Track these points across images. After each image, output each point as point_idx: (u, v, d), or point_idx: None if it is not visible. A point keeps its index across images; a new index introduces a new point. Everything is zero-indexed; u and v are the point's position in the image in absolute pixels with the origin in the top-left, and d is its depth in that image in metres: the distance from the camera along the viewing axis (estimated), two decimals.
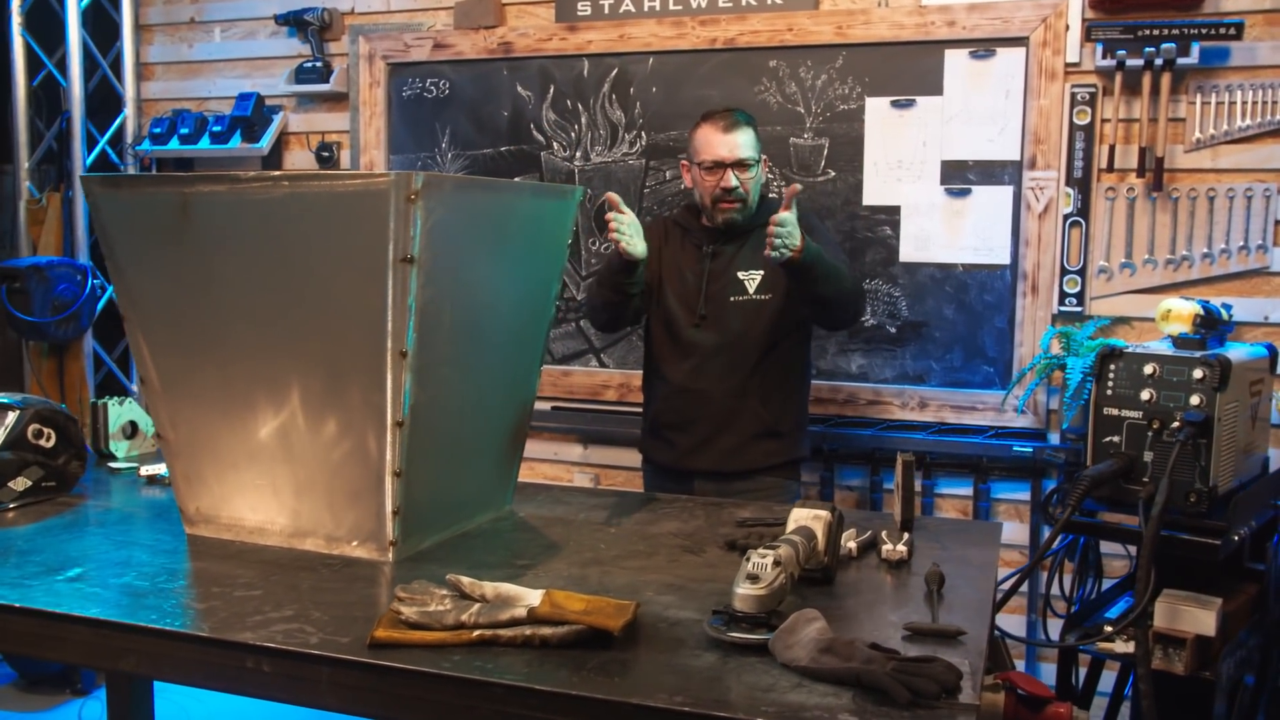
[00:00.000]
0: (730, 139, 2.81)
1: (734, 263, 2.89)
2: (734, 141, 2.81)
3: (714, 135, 2.82)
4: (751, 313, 2.85)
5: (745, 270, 2.87)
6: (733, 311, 2.86)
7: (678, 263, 2.95)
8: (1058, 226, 3.26)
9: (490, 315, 2.07)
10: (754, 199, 2.88)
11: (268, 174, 1.83)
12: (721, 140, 2.81)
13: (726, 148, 2.80)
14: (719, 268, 2.89)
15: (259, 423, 1.97)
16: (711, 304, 2.88)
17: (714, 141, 2.82)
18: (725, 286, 2.87)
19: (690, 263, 2.93)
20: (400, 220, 1.76)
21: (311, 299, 1.87)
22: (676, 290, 2.92)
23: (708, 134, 2.84)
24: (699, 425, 2.88)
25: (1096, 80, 3.21)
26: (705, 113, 2.90)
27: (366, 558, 1.95)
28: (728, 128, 2.82)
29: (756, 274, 2.86)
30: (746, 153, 2.82)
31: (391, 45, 3.92)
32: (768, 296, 2.85)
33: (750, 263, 2.87)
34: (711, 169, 2.83)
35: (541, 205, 2.17)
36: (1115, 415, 2.45)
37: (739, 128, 2.83)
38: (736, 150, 2.80)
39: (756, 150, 2.86)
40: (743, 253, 2.89)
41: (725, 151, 2.80)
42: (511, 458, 2.29)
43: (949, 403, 3.40)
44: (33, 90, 4.21)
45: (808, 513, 1.84)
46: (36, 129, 4.24)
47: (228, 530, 2.07)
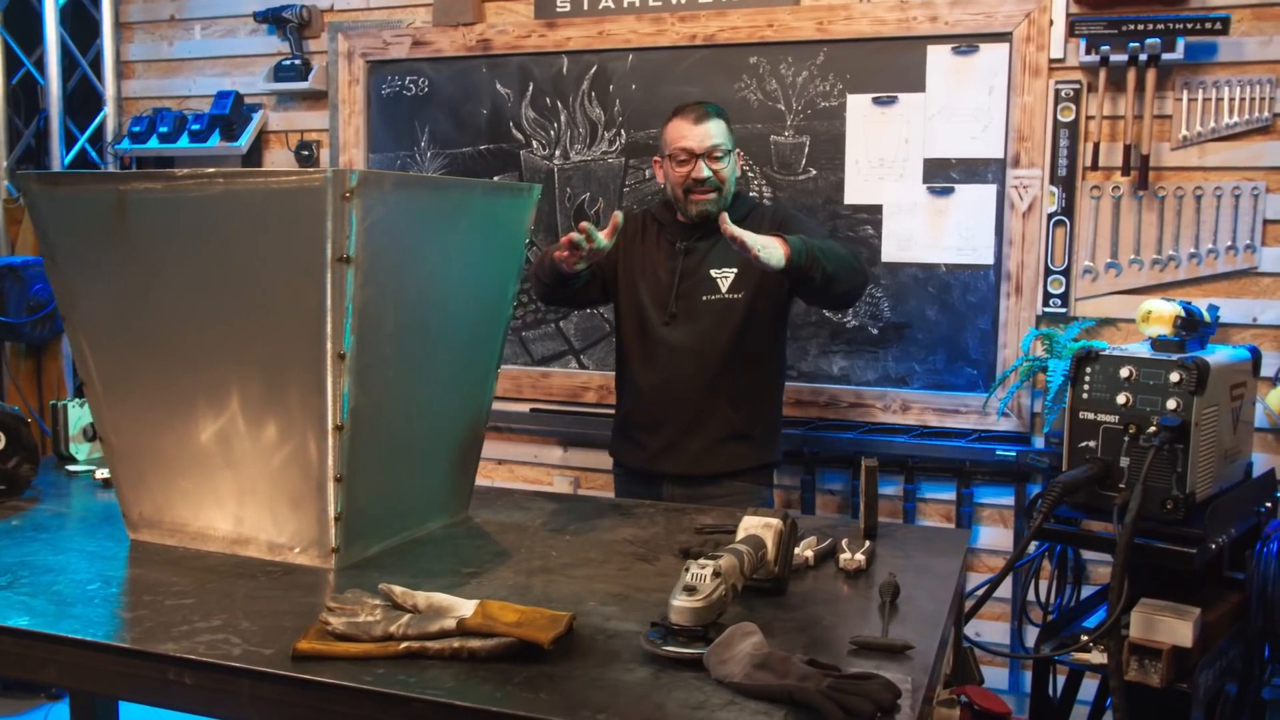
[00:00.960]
0: (700, 129, 2.76)
1: (707, 260, 2.82)
2: (704, 131, 2.75)
3: (684, 126, 2.77)
4: (723, 312, 2.79)
5: (718, 268, 2.81)
6: (704, 310, 2.80)
7: (651, 259, 2.89)
8: (1042, 226, 3.20)
9: (439, 316, 2.02)
10: (729, 189, 2.82)
11: (202, 171, 1.78)
12: (691, 130, 2.76)
13: (696, 138, 2.75)
14: (691, 265, 2.83)
15: (200, 426, 1.92)
16: (683, 302, 2.82)
17: (684, 132, 2.77)
18: (697, 284, 2.81)
19: (663, 260, 2.87)
20: (336, 219, 1.71)
21: (249, 300, 1.82)
22: (649, 287, 2.87)
23: (678, 126, 2.79)
24: (667, 427, 2.82)
25: (1081, 76, 3.15)
26: (676, 107, 2.86)
27: (309, 565, 1.90)
28: (698, 119, 2.77)
29: (729, 272, 2.80)
30: (718, 140, 2.76)
31: (370, 43, 3.87)
32: (740, 295, 2.79)
33: (724, 260, 2.81)
34: (683, 161, 2.77)
35: (495, 204, 2.12)
36: (1091, 419, 2.39)
37: (709, 119, 2.77)
38: (707, 140, 2.75)
39: (729, 140, 2.80)
40: (716, 250, 2.82)
41: (695, 142, 2.75)
42: (467, 462, 2.23)
43: (931, 405, 3.33)
44: (11, 89, 4.18)
45: (758, 521, 1.78)
46: (15, 127, 4.21)
47: (171, 536, 2.02)
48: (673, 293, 2.82)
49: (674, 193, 2.83)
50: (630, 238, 2.92)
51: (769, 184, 3.46)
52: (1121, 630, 2.30)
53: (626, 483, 2.95)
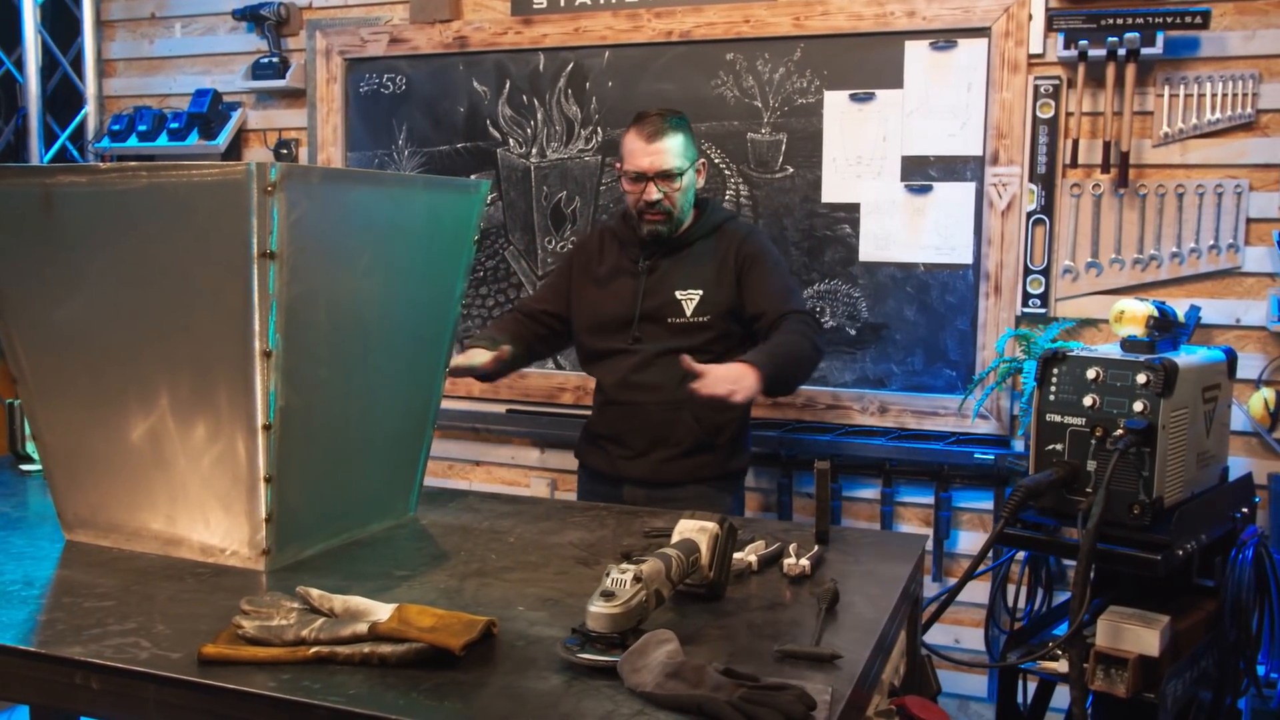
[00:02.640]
0: (654, 148, 2.68)
1: (670, 279, 2.76)
2: (657, 150, 2.68)
3: (637, 144, 2.70)
4: (689, 335, 2.74)
5: (683, 289, 2.75)
6: (668, 333, 2.75)
7: (613, 278, 2.83)
8: (1021, 225, 3.14)
9: (378, 315, 1.98)
10: (682, 210, 2.75)
11: (126, 165, 1.74)
12: (644, 150, 2.69)
13: (648, 159, 2.68)
14: (654, 284, 2.77)
15: (130, 425, 1.89)
16: (647, 325, 2.77)
17: (636, 151, 2.70)
18: (661, 306, 2.75)
19: (625, 279, 2.81)
20: (260, 213, 1.67)
21: (176, 296, 1.78)
22: (610, 310, 2.81)
23: (632, 141, 2.72)
24: (632, 437, 2.80)
25: (1060, 72, 3.08)
26: (636, 114, 2.79)
27: (240, 567, 1.86)
28: (652, 135, 2.69)
29: (694, 294, 2.75)
30: (671, 162, 2.68)
31: (348, 40, 3.84)
32: (706, 319, 2.74)
33: (689, 280, 2.75)
34: (635, 179, 2.71)
35: (439, 200, 2.08)
36: (1058, 422, 2.33)
37: (665, 134, 2.69)
38: (659, 161, 2.68)
39: (686, 157, 2.73)
40: (681, 269, 2.77)
41: (646, 162, 2.68)
42: (411, 462, 2.19)
43: (910, 408, 3.27)
44: None
45: (694, 524, 1.73)
46: None
47: (105, 536, 1.98)
48: (636, 313, 2.76)
49: (630, 209, 2.80)
50: (588, 259, 2.87)
51: (746, 182, 3.41)
52: (1087, 639, 2.24)
53: (589, 483, 2.92)
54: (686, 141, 2.73)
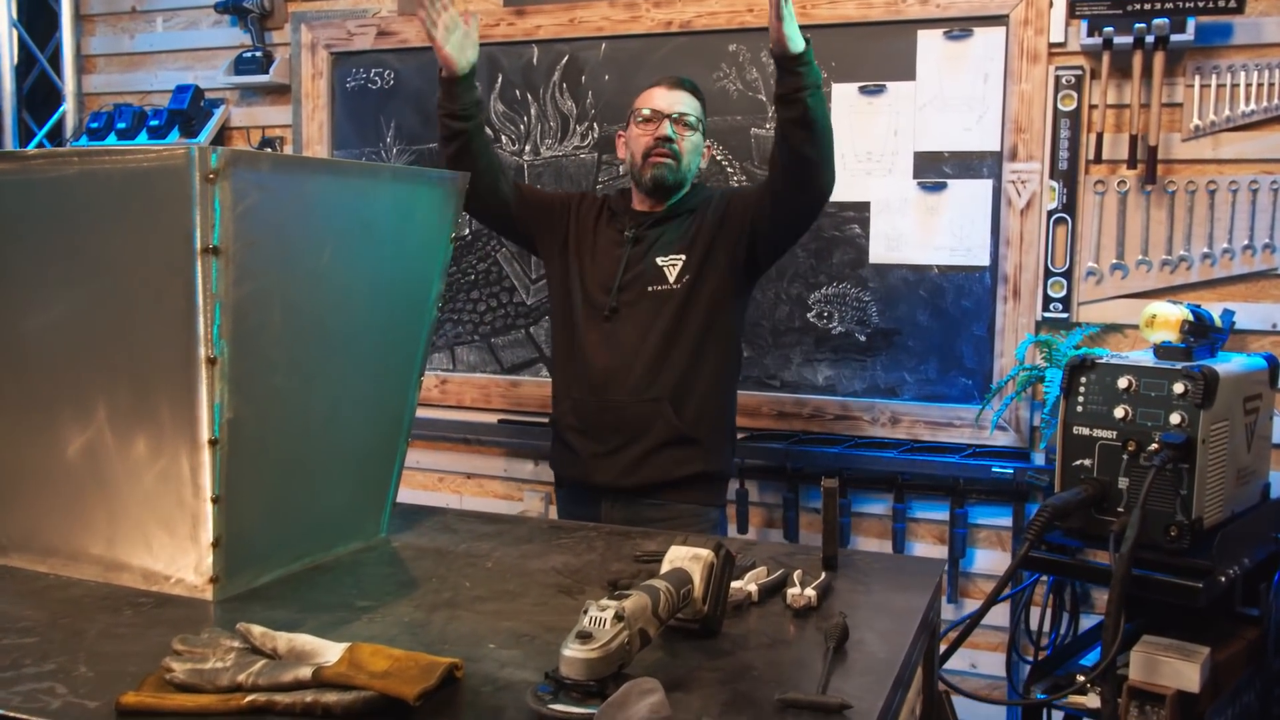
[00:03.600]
0: (674, 94, 2.66)
1: (654, 248, 2.63)
2: (677, 97, 2.65)
3: (656, 90, 2.68)
4: (669, 304, 2.59)
5: (665, 255, 2.62)
6: (648, 303, 2.60)
7: (599, 244, 2.70)
8: (1041, 224, 2.95)
9: (341, 317, 1.80)
10: (688, 164, 2.66)
11: (57, 151, 1.57)
12: (664, 94, 2.66)
13: (667, 101, 2.65)
14: (638, 254, 2.64)
15: (66, 439, 1.71)
16: (626, 293, 2.62)
17: (655, 95, 2.67)
18: (643, 274, 2.62)
19: (609, 247, 2.68)
20: (202, 204, 1.50)
21: (112, 296, 1.61)
22: (592, 276, 2.68)
23: (651, 91, 2.69)
24: (604, 431, 2.61)
25: (1083, 62, 2.90)
26: (654, 79, 2.77)
27: (186, 596, 1.68)
28: (673, 85, 2.68)
29: (677, 259, 2.61)
30: (688, 108, 2.65)
31: (334, 33, 3.67)
32: (687, 279, 2.59)
33: (671, 247, 2.63)
34: (649, 119, 2.64)
35: (411, 193, 1.90)
36: (1086, 435, 2.15)
37: (684, 89, 2.68)
38: (677, 105, 2.64)
39: (699, 118, 2.69)
40: (665, 238, 2.64)
41: (665, 104, 2.64)
42: (382, 479, 2.01)
43: (923, 418, 3.09)
44: None
45: (686, 552, 1.55)
46: None
47: (42, 561, 1.80)
48: (616, 283, 2.62)
49: (633, 161, 2.68)
50: (586, 217, 2.76)
51: (750, 180, 3.23)
52: (1119, 671, 2.06)
53: (566, 501, 2.73)
54: (702, 110, 2.71)
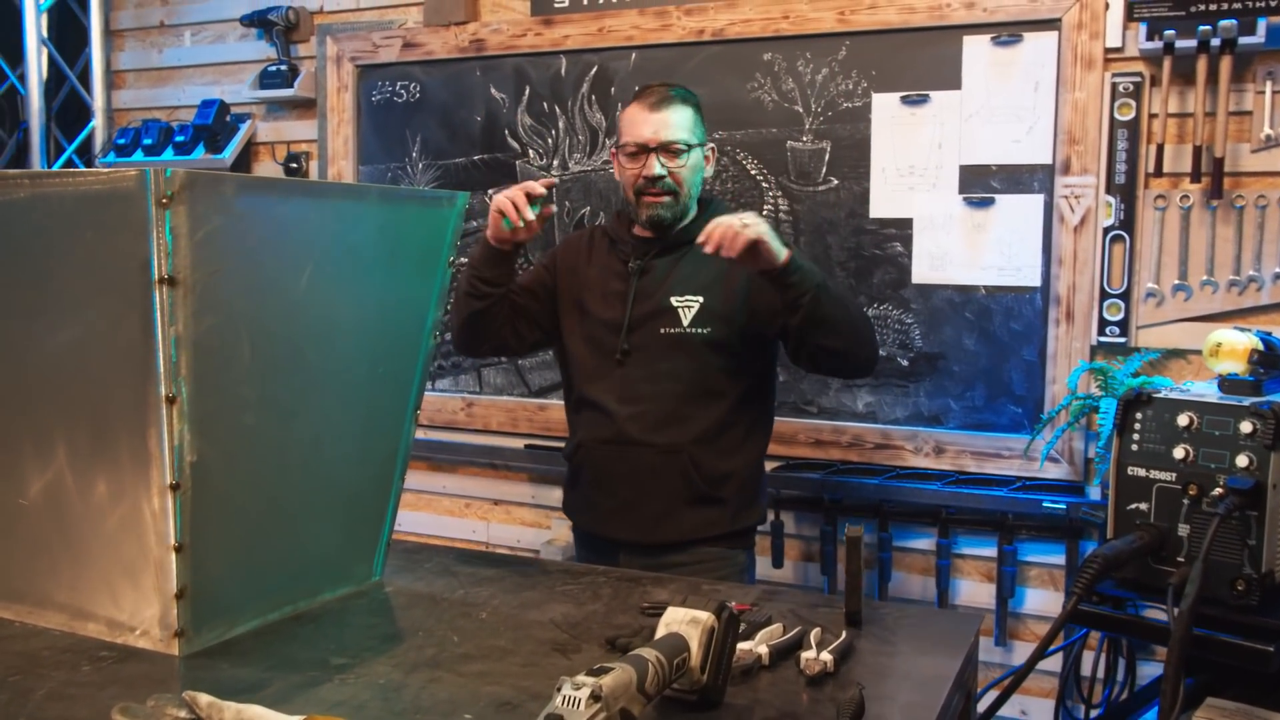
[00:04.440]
0: (657, 117, 2.33)
1: (666, 284, 2.39)
2: (661, 121, 2.33)
3: (638, 114, 2.36)
4: (686, 349, 2.35)
5: (680, 295, 2.37)
6: (662, 346, 2.36)
7: (600, 282, 2.46)
8: (1097, 242, 2.76)
9: (322, 350, 1.67)
10: (689, 193, 2.39)
11: (6, 173, 1.47)
12: (646, 119, 2.34)
13: (651, 128, 2.33)
14: (647, 288, 2.40)
15: (28, 479, 1.61)
16: (636, 335, 2.38)
17: (636, 121, 2.35)
18: (653, 314, 2.38)
19: (613, 282, 2.44)
20: (157, 231, 1.38)
21: (69, 330, 1.50)
22: (597, 317, 2.43)
23: (632, 113, 2.38)
24: (619, 486, 2.39)
25: (1142, 68, 2.70)
26: (638, 89, 2.46)
27: (151, 649, 1.56)
28: (656, 104, 2.34)
29: (694, 301, 2.36)
30: (677, 134, 2.34)
31: (360, 46, 3.58)
32: (706, 330, 2.35)
33: (686, 285, 2.37)
34: (634, 154, 2.36)
35: (400, 215, 1.78)
36: (1142, 477, 1.95)
37: (670, 105, 2.35)
38: (663, 131, 2.33)
39: (694, 133, 2.39)
40: (678, 271, 2.39)
41: (649, 132, 2.33)
42: (374, 520, 1.88)
43: (969, 448, 2.90)
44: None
45: (683, 615, 1.40)
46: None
47: (8, 607, 1.70)
48: (624, 322, 2.39)
49: (625, 193, 2.44)
50: (574, 258, 2.51)
51: (785, 195, 3.07)
52: None
53: (582, 546, 2.55)
54: (695, 119, 2.40)
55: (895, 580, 3.01)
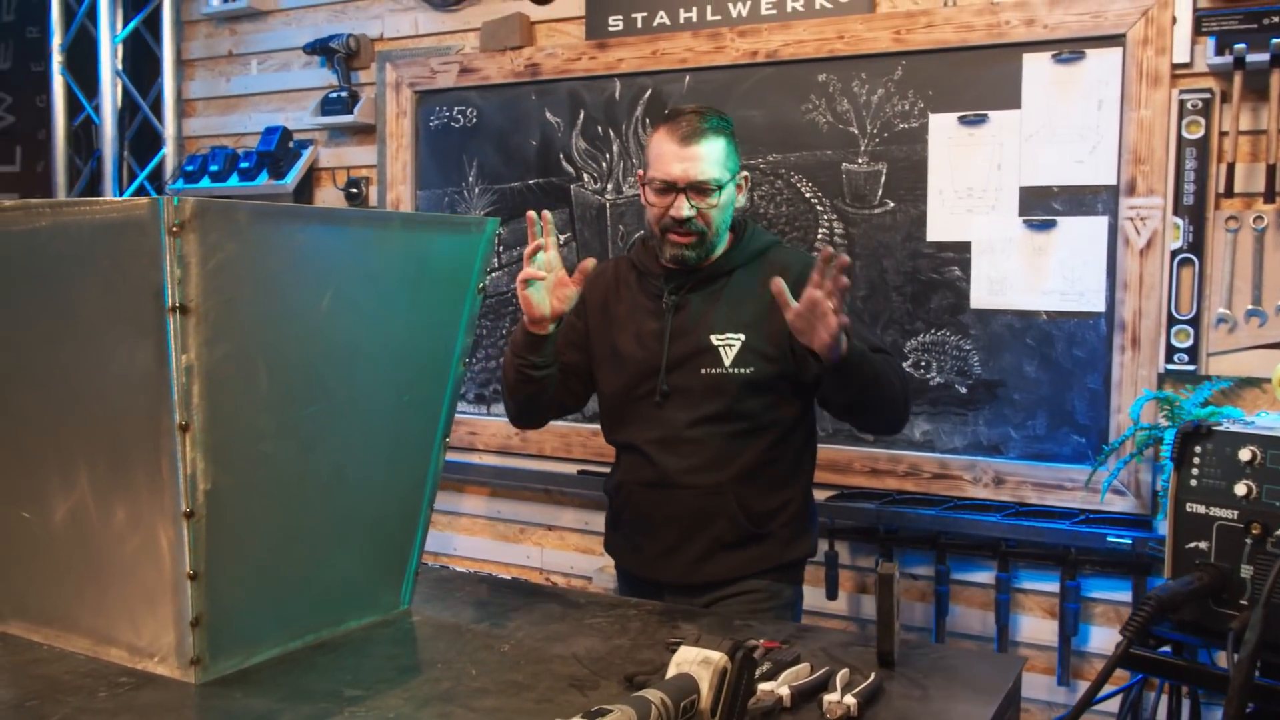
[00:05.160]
0: (688, 153, 2.15)
1: (705, 320, 2.24)
2: (693, 156, 2.15)
3: (668, 146, 2.18)
4: (728, 391, 2.21)
5: (720, 333, 2.22)
6: (703, 387, 2.22)
7: (633, 319, 2.31)
8: (1164, 265, 2.64)
9: (345, 377, 1.67)
10: (717, 231, 2.23)
11: (30, 202, 1.49)
12: (675, 154, 2.16)
13: (680, 165, 2.16)
14: (683, 325, 2.25)
15: (53, 505, 1.62)
16: (675, 376, 2.24)
17: (666, 155, 2.18)
18: (693, 354, 2.23)
19: (648, 320, 2.29)
20: (170, 259, 1.38)
21: (89, 357, 1.51)
22: (632, 356, 2.29)
23: (662, 143, 2.20)
24: (662, 529, 2.27)
25: (1212, 84, 2.59)
26: (668, 111, 2.28)
27: (168, 676, 1.56)
28: (687, 137, 2.16)
29: (735, 340, 2.21)
30: (708, 172, 2.16)
31: (418, 72, 3.61)
32: (749, 371, 2.21)
33: (727, 322, 2.22)
34: (662, 191, 2.19)
35: (425, 242, 1.76)
36: (1202, 514, 1.85)
37: (702, 138, 2.17)
38: (693, 169, 2.15)
39: (727, 167, 2.21)
40: (718, 307, 2.24)
41: (678, 170, 2.16)
42: (401, 548, 1.87)
43: (1030, 479, 2.80)
44: (73, 130, 4.11)
45: (694, 655, 1.35)
46: (75, 167, 4.13)
47: (37, 630, 1.72)
48: (663, 363, 2.24)
49: (650, 226, 2.28)
50: (602, 294, 2.37)
51: (840, 218, 3.01)
52: None
53: (625, 585, 2.42)
54: (728, 149, 2.23)
55: (953, 615, 2.91)
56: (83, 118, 4.15)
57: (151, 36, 4.13)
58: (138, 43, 4.17)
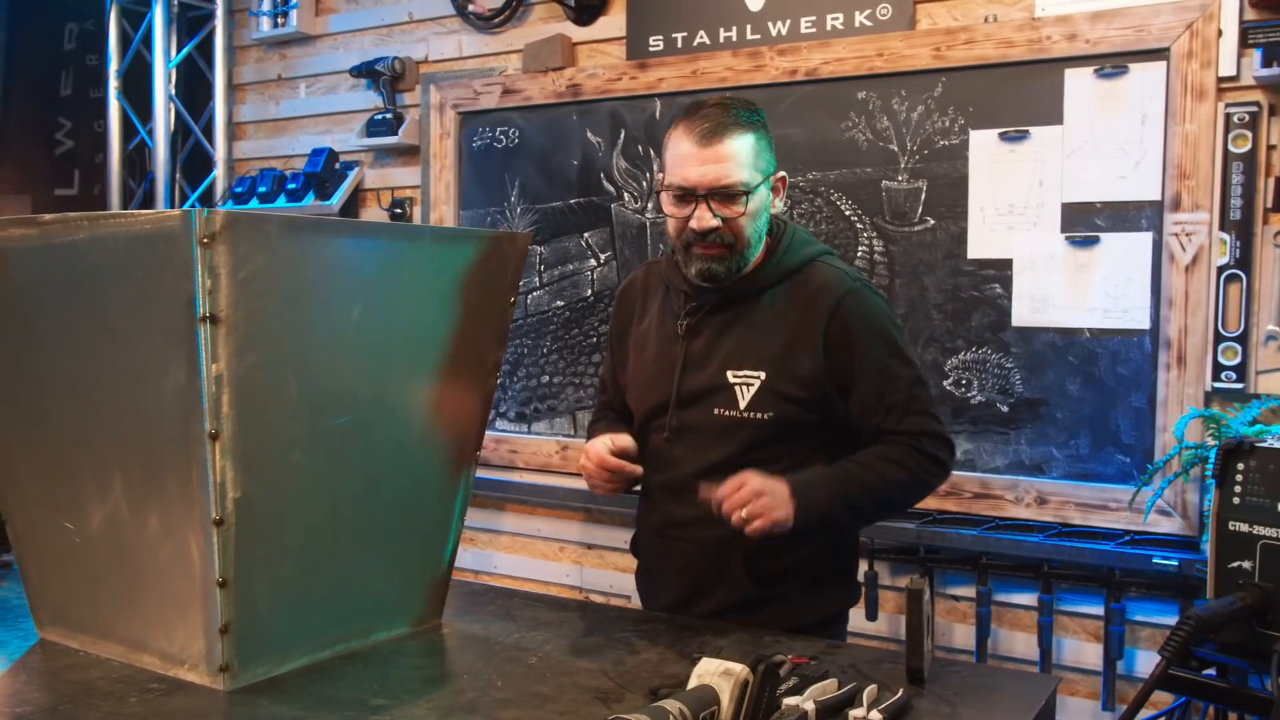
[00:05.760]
0: (710, 153, 1.83)
1: (719, 351, 1.95)
2: (715, 155, 1.82)
3: (686, 145, 1.85)
4: (741, 435, 1.92)
5: (738, 368, 1.92)
6: (714, 430, 1.94)
7: (652, 341, 2.05)
8: (1210, 282, 2.59)
9: (374, 389, 1.68)
10: (749, 244, 1.90)
11: (68, 216, 1.52)
12: (694, 155, 1.83)
13: (699, 168, 1.83)
14: (698, 356, 1.96)
15: (89, 513, 1.65)
16: (688, 413, 1.97)
17: (684, 156, 1.85)
18: (707, 391, 1.95)
19: (665, 345, 2.02)
20: (201, 270, 1.41)
21: (123, 367, 1.54)
22: (646, 379, 2.04)
23: (678, 144, 1.87)
24: (671, 581, 2.05)
25: (1259, 96, 2.55)
26: (689, 105, 1.93)
27: (199, 683, 1.58)
28: (708, 135, 1.83)
29: (753, 378, 1.90)
30: (735, 174, 1.83)
31: (461, 93, 3.65)
32: (767, 416, 1.90)
33: (746, 355, 1.92)
34: (681, 198, 1.88)
35: (456, 255, 1.77)
36: (1245, 533, 1.81)
37: (726, 135, 1.83)
38: (717, 171, 1.83)
39: (758, 168, 1.87)
40: (739, 336, 1.94)
41: (697, 174, 1.84)
42: (431, 560, 1.87)
43: (1074, 499, 2.75)
44: (127, 153, 4.21)
45: (716, 666, 1.34)
46: (129, 189, 4.23)
47: (74, 637, 1.75)
48: (671, 397, 1.97)
49: (671, 239, 1.97)
50: (630, 309, 2.13)
51: (880, 236, 2.99)
52: None
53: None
54: (760, 146, 1.89)
55: (995, 637, 2.87)
56: (137, 141, 4.25)
57: (204, 62, 4.23)
58: (191, 68, 4.27)
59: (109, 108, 4.20)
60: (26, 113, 4.59)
